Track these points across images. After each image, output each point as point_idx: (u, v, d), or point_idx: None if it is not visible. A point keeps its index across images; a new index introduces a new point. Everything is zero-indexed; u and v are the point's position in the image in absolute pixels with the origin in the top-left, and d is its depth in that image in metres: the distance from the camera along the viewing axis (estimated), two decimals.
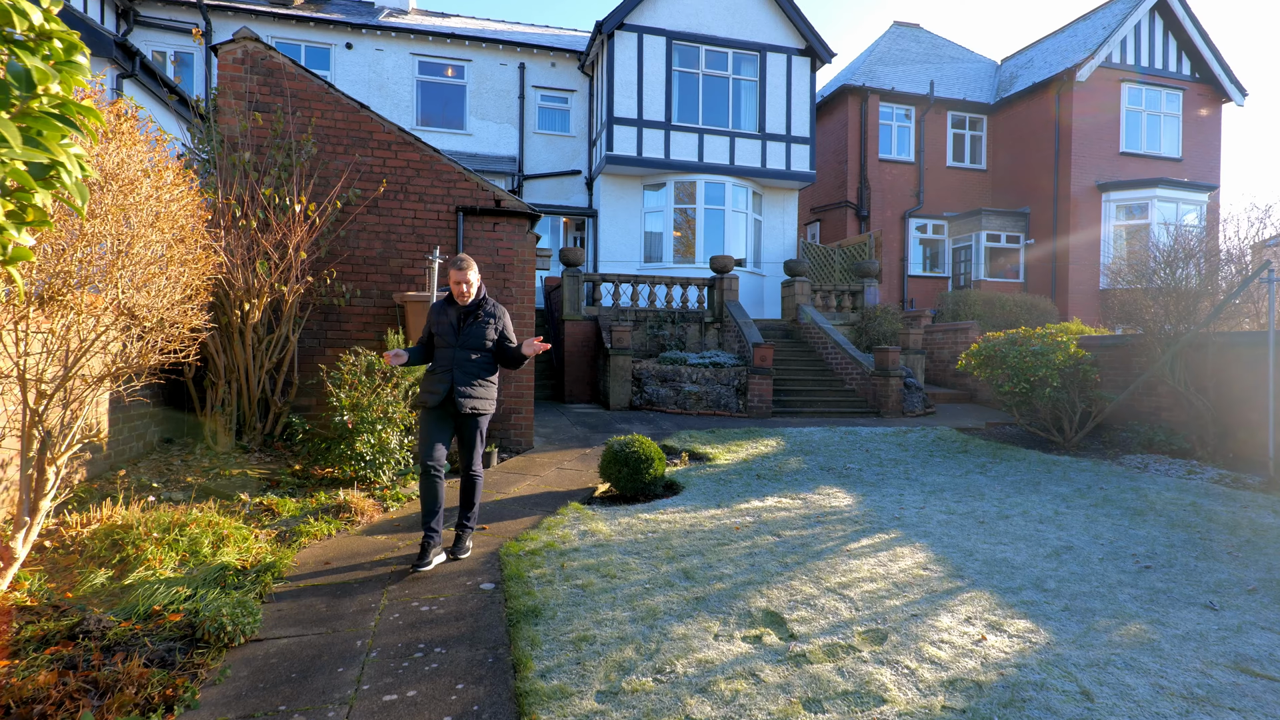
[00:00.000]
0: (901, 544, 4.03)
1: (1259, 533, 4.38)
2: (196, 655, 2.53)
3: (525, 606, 3.02)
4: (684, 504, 4.88)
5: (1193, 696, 2.38)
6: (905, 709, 2.25)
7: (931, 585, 3.38)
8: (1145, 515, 4.79)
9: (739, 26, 14.00)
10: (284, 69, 6.09)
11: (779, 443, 7.21)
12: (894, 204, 17.31)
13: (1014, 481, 5.82)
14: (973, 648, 2.70)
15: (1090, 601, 3.23)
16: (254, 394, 5.54)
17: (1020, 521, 4.60)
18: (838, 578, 3.44)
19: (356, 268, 6.28)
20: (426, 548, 3.51)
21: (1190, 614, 3.12)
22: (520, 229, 6.81)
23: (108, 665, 2.33)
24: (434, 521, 3.53)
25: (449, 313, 3.62)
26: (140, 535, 3.35)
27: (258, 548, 3.65)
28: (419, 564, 3.44)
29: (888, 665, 2.55)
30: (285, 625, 2.88)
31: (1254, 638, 2.87)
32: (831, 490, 5.35)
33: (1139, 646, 2.76)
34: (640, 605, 3.07)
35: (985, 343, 7.99)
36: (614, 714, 2.20)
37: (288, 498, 4.55)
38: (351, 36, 13.83)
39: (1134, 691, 2.40)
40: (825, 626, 2.87)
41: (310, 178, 5.95)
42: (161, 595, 2.87)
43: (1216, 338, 6.91)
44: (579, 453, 6.72)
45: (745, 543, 4.00)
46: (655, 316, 11.29)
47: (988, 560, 3.77)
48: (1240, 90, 16.42)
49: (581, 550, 3.82)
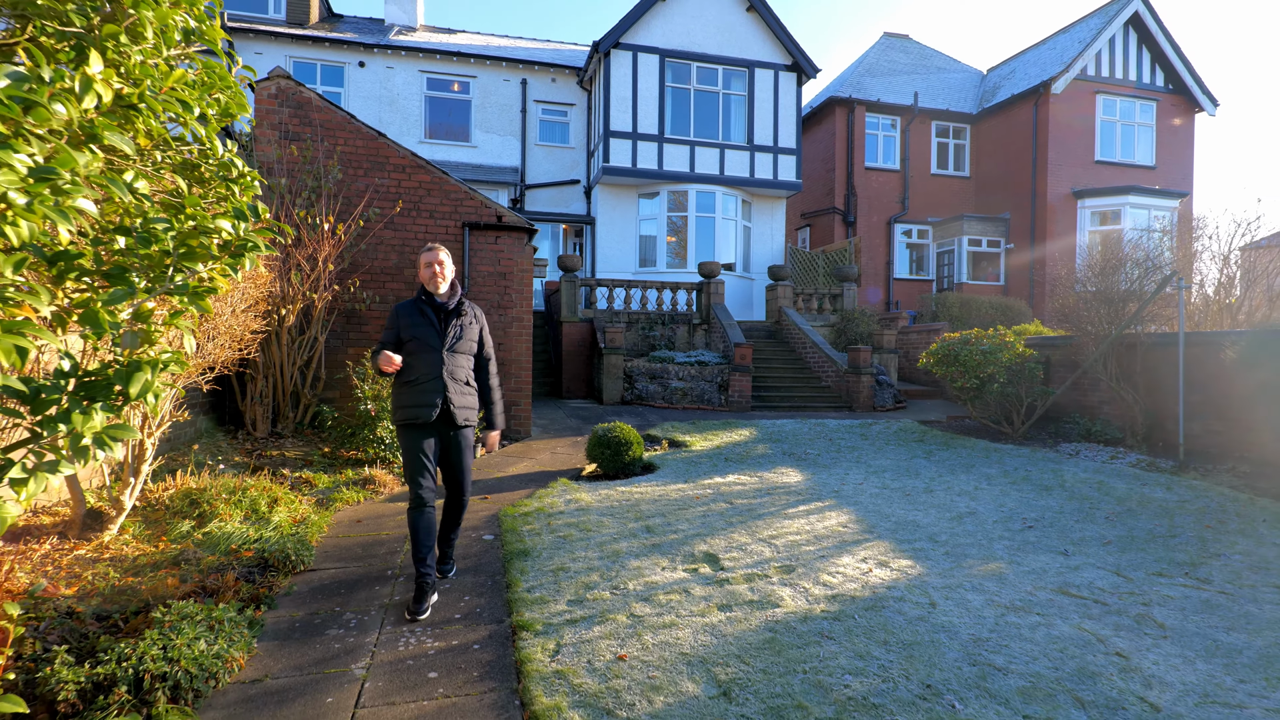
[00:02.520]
0: (832, 510, 4.85)
1: (1142, 504, 5.17)
2: (269, 577, 3.37)
3: (517, 549, 3.86)
4: (657, 480, 5.71)
5: (1012, 606, 3.19)
6: (791, 610, 3.07)
7: (845, 538, 4.20)
8: (1053, 490, 5.59)
9: (729, 44, 14.81)
10: (312, 103, 6.95)
11: (751, 432, 8.03)
12: (880, 210, 18.08)
13: (951, 464, 6.62)
14: (859, 577, 3.52)
15: (968, 550, 4.04)
16: (287, 387, 6.40)
17: (942, 495, 5.41)
18: (770, 532, 4.27)
19: (375, 277, 7.13)
20: (424, 589, 3.04)
21: (1044, 558, 3.92)
22: (519, 241, 7.66)
23: (209, 579, 3.17)
24: (430, 558, 3.11)
25: (426, 314, 3.13)
26: (212, 496, 4.20)
27: (302, 509, 4.49)
28: (417, 610, 2.99)
29: (789, 586, 3.37)
30: (331, 560, 3.73)
31: (1085, 574, 3.67)
32: (786, 470, 6.17)
33: (989, 577, 3.57)
34: (608, 548, 3.90)
35: (942, 343, 8.77)
36: (578, 611, 3.04)
37: (321, 473, 5.41)
38: (364, 55, 14.71)
39: (969, 602, 3.21)
40: (749, 563, 3.70)
41: (336, 199, 6.80)
42: (237, 537, 3.71)
43: (1145, 338, 7.68)
44: (571, 440, 7.55)
45: (701, 508, 4.83)
46: (647, 318, 12.12)
47: (899, 521, 4.58)
48: (1212, 100, 17.12)
49: (565, 513, 4.66)
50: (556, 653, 2.67)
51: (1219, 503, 5.18)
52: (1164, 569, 3.78)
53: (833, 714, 2.24)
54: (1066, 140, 16.58)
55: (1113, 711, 2.30)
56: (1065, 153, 16.56)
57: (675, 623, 2.93)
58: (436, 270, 3.16)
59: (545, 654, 2.66)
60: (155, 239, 1.53)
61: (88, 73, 1.34)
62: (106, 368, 1.51)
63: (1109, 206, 16.28)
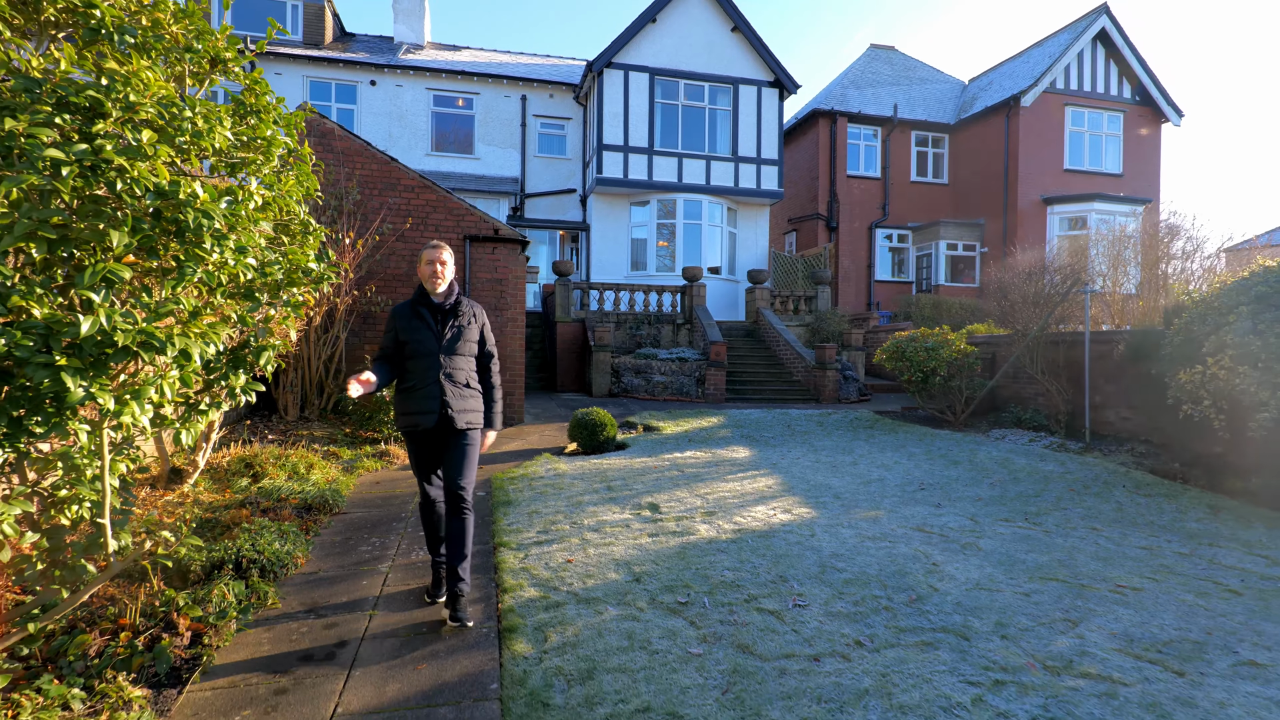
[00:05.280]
0: (764, 476, 5.89)
1: (1030, 474, 6.18)
2: (314, 515, 4.45)
3: (502, 500, 4.93)
4: (626, 455, 6.76)
5: (873, 537, 4.22)
6: (703, 537, 4.11)
7: (765, 495, 5.24)
8: (960, 464, 6.60)
9: (715, 63, 15.85)
10: (334, 133, 8.04)
11: (719, 420, 9.07)
12: (861, 216, 19.06)
13: (884, 445, 7.64)
14: (764, 519, 4.56)
15: (861, 503, 5.07)
16: (314, 377, 7.49)
17: (864, 467, 6.43)
18: (706, 489, 5.31)
19: (388, 283, 8.22)
20: (440, 578, 3.21)
21: (920, 509, 4.95)
22: (514, 252, 8.73)
23: (269, 513, 4.25)
24: (442, 548, 3.22)
25: (422, 315, 3.04)
26: (262, 461, 5.29)
27: (332, 473, 5.57)
28: (435, 594, 3.20)
29: (706, 524, 4.41)
30: (358, 507, 4.80)
31: (945, 519, 4.70)
32: (738, 448, 7.21)
33: (867, 521, 4.60)
34: (574, 500, 4.96)
35: (893, 340, 9.77)
36: (543, 537, 4.10)
37: (344, 448, 6.49)
38: (375, 75, 15.83)
39: (841, 535, 4.25)
40: (681, 510, 4.74)
41: (355, 216, 7.89)
42: (285, 490, 4.79)
43: (1067, 336, 8.67)
44: (559, 425, 8.61)
45: (656, 474, 5.88)
46: (634, 318, 13.17)
47: (816, 485, 5.62)
48: (1177, 112, 18.00)
49: (545, 477, 5.71)
50: (525, 558, 3.73)
51: (1096, 474, 6.17)
52: (1010, 516, 4.81)
53: (707, 589, 3.29)
54: (1037, 150, 17.51)
55: (902, 591, 3.34)
56: (1035, 162, 17.50)
57: (613, 543, 3.99)
58: (438, 268, 3.04)
59: (516, 559, 3.72)
60: (269, 272, 2.60)
61: (256, 197, 2.41)
62: (242, 347, 2.58)
63: (1076, 212, 17.20)
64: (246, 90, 2.60)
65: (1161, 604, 3.27)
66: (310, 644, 2.75)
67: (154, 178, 1.87)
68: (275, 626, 2.90)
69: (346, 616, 3.02)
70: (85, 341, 1.77)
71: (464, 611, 2.97)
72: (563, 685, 2.43)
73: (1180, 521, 4.78)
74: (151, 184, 1.87)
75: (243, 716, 2.25)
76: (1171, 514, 4.95)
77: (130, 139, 1.87)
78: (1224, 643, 2.86)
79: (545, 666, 2.56)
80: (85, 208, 1.83)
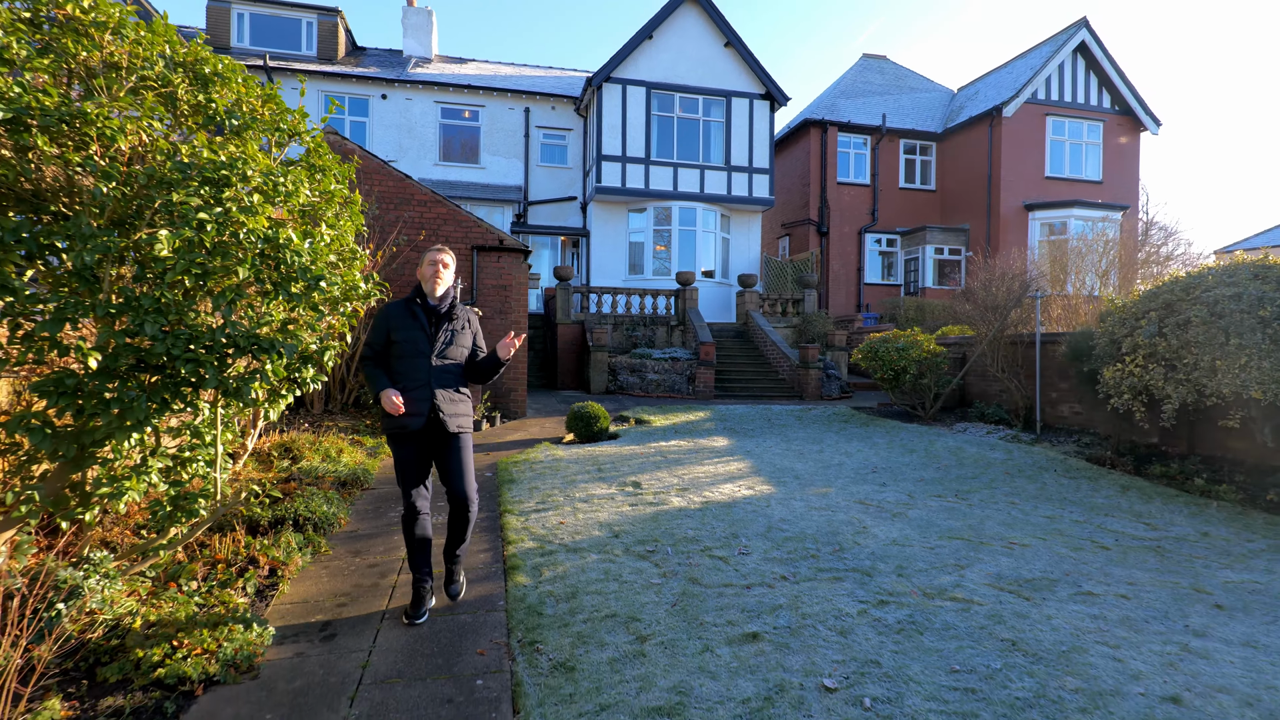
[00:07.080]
0: (737, 461, 6.67)
1: (975, 461, 6.94)
2: (349, 489, 5.26)
3: (507, 479, 5.73)
4: (617, 444, 7.56)
5: (818, 508, 5.00)
6: (674, 506, 4.91)
7: (734, 476, 6.03)
8: (915, 452, 7.37)
9: (709, 77, 16.64)
10: (354, 153, 8.86)
11: (706, 414, 9.86)
12: (851, 221, 19.82)
13: (852, 436, 8.41)
14: (729, 493, 5.35)
15: (816, 483, 5.85)
16: (336, 376, 8.31)
17: (829, 454, 7.21)
18: (683, 470, 6.11)
19: (403, 290, 9.03)
20: (421, 594, 3.05)
21: (867, 487, 5.73)
22: (517, 260, 9.54)
23: (311, 486, 5.07)
24: (427, 566, 3.10)
25: (417, 316, 3.06)
26: (299, 445, 6.10)
27: (359, 456, 6.39)
28: (415, 616, 2.99)
29: (679, 497, 5.21)
30: (383, 484, 5.61)
31: (886, 495, 5.48)
32: (719, 438, 8.00)
33: (817, 496, 5.39)
34: (568, 479, 5.76)
35: (868, 341, 10.54)
36: (541, 506, 4.90)
37: (367, 437, 7.31)
38: (386, 89, 16.69)
39: (793, 506, 5.03)
40: (660, 487, 5.54)
41: (373, 229, 8.71)
42: (321, 469, 5.60)
43: (1025, 336, 9.43)
44: (557, 419, 9.42)
45: (641, 459, 6.67)
46: (631, 320, 13.97)
47: (781, 468, 6.40)
48: (1155, 121, 18.70)
49: (543, 462, 6.52)
50: (525, 521, 4.53)
51: (1036, 460, 6.94)
52: (942, 493, 5.58)
53: (671, 542, 4.09)
54: (1019, 158, 18.24)
55: (830, 545, 4.12)
56: (1018, 170, 18.23)
57: (598, 511, 4.79)
58: (439, 269, 3.07)
59: (518, 522, 4.52)
60: (329, 291, 3.41)
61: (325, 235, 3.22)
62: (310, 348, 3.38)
63: (1056, 218, 17.92)
64: (311, 152, 3.41)
65: (1039, 555, 4.05)
66: (359, 578, 3.56)
67: (262, 228, 2.68)
68: (330, 564, 3.72)
69: (384, 559, 3.84)
70: (214, 343, 2.58)
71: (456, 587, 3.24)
72: (552, 602, 3.23)
73: (1090, 498, 5.55)
74: (262, 232, 2.68)
75: (316, 616, 3.06)
76: (1086, 492, 5.72)
77: (246, 201, 2.68)
78: (1074, 581, 3.64)
79: (540, 591, 3.36)
80: (217, 250, 2.64)
